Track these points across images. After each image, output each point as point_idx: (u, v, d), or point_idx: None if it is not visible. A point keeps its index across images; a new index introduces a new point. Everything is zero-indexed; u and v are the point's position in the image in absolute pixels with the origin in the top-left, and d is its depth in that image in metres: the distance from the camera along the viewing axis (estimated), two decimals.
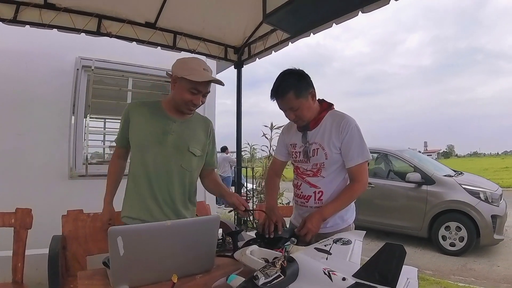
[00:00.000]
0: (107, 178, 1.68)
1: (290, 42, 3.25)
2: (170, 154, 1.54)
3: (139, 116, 1.56)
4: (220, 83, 1.53)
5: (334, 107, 1.68)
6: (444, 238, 4.67)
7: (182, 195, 1.60)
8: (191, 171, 1.61)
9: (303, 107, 1.55)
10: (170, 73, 1.53)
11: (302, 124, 1.63)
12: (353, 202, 1.67)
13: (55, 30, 2.77)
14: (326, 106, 1.65)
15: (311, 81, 1.60)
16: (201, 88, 1.48)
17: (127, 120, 1.58)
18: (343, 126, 1.54)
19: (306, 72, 1.59)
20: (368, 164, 1.63)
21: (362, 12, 2.47)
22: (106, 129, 4.71)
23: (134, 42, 3.18)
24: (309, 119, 1.60)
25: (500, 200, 4.75)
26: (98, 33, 2.97)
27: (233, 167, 9.00)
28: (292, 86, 1.52)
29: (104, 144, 4.33)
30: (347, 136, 1.53)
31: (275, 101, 1.58)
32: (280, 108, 1.60)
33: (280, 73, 1.59)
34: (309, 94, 1.56)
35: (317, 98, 1.65)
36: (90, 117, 3.79)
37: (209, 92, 1.54)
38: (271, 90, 1.59)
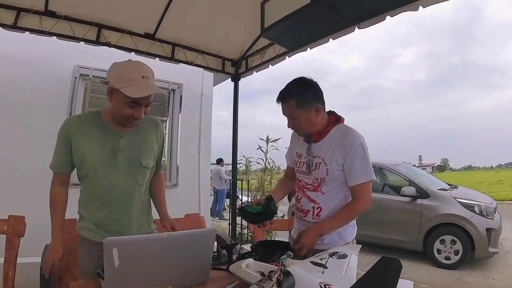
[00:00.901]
0: (52, 209, 1.45)
1: (287, 56, 3.30)
2: (124, 173, 1.42)
3: (82, 136, 1.37)
4: (162, 92, 1.41)
5: (344, 121, 1.62)
6: (439, 251, 4.66)
7: (141, 212, 1.53)
8: (145, 184, 1.53)
9: (302, 119, 1.51)
10: (106, 81, 1.33)
11: (301, 135, 1.61)
12: (354, 220, 1.62)
13: (54, 37, 2.80)
14: (334, 119, 1.60)
15: (320, 94, 1.55)
16: (141, 101, 1.30)
17: (67, 142, 1.37)
18: (348, 143, 1.48)
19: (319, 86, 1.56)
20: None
21: (359, 28, 2.53)
22: None
23: (133, 53, 3.20)
24: (308, 132, 1.56)
25: (495, 213, 4.77)
26: (97, 42, 2.99)
27: (225, 181, 8.94)
28: (296, 95, 1.49)
29: None
30: (351, 153, 1.48)
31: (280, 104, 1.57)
32: (283, 113, 1.58)
33: (293, 79, 1.57)
34: (312, 107, 1.50)
35: (330, 110, 1.62)
36: None
37: (152, 101, 1.37)
38: (279, 93, 1.57)
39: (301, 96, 1.49)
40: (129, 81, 1.26)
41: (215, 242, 1.47)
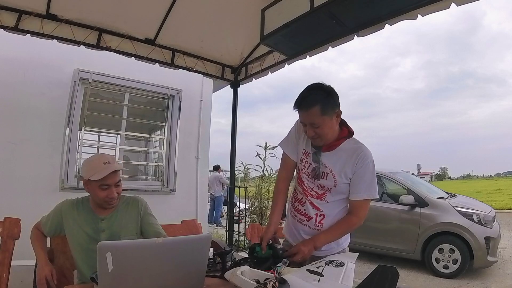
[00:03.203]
0: (33, 245, 1.62)
1: (286, 64, 3.31)
2: None
3: (72, 220, 1.61)
4: (121, 169, 1.61)
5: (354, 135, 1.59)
6: (437, 260, 4.64)
7: None
8: None
9: (326, 126, 1.45)
10: (82, 176, 1.63)
11: (320, 144, 1.53)
12: None
13: (55, 41, 2.81)
14: (346, 133, 1.56)
15: (338, 100, 1.49)
16: (109, 182, 1.54)
17: (60, 218, 1.62)
18: (360, 158, 1.48)
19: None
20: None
21: (358, 36, 2.55)
22: (100, 143, 4.69)
23: (133, 58, 3.22)
24: (329, 140, 1.51)
25: (493, 222, 4.75)
26: (97, 46, 3.01)
27: (225, 186, 8.94)
28: (319, 101, 1.41)
29: None
30: (361, 169, 1.48)
31: (298, 111, 1.48)
32: (301, 121, 1.51)
33: (308, 86, 1.50)
34: (334, 113, 1.46)
35: (341, 120, 1.56)
36: (85, 130, 3.79)
37: (119, 180, 1.60)
38: (296, 101, 1.47)
39: (323, 102, 1.42)
40: (94, 169, 1.54)
41: (211, 249, 1.46)
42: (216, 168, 9.22)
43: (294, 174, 1.73)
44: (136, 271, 1.05)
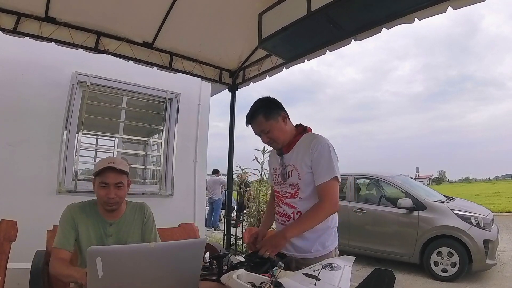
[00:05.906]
0: (63, 273, 1.40)
1: (284, 68, 3.31)
2: None
3: (82, 224, 1.59)
4: (124, 172, 1.59)
5: (312, 130, 1.72)
6: (436, 263, 4.62)
7: None
8: None
9: (274, 129, 1.61)
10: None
11: (278, 147, 1.69)
12: (335, 228, 1.67)
13: (53, 43, 2.82)
14: (301, 130, 1.71)
15: (281, 105, 1.68)
16: (108, 180, 1.54)
17: (75, 225, 1.56)
18: (313, 145, 1.58)
19: (278, 99, 1.70)
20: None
21: (355, 40, 2.56)
22: (98, 146, 4.68)
23: (131, 61, 3.22)
24: (284, 141, 1.65)
25: (492, 225, 4.75)
26: (96, 49, 3.01)
27: (224, 190, 8.93)
28: (261, 111, 1.61)
29: (95, 161, 4.29)
30: (316, 154, 1.56)
31: (250, 127, 1.66)
32: (255, 133, 1.67)
33: (252, 104, 1.68)
34: (279, 116, 1.63)
35: (296, 123, 1.74)
36: (83, 133, 3.78)
37: (120, 182, 1.57)
38: (245, 119, 1.67)
39: (266, 109, 1.62)
40: (99, 167, 1.56)
41: (207, 253, 1.45)
42: (215, 172, 9.21)
43: None
44: (128, 277, 1.03)
